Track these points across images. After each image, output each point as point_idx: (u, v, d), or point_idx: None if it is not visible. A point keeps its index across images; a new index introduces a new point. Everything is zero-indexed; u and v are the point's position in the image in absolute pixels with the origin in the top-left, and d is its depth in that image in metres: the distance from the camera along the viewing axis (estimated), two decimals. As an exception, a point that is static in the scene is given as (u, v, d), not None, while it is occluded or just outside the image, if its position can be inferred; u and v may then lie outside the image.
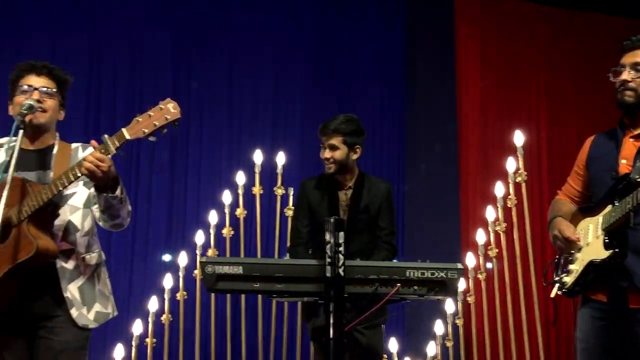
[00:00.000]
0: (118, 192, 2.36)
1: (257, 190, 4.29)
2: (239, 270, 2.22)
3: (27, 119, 2.38)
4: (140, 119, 2.26)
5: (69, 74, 2.60)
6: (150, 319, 4.08)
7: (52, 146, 2.54)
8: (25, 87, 2.46)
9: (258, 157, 4.30)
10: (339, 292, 2.12)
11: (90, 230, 2.53)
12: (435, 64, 5.54)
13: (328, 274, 2.11)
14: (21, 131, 2.31)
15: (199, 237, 4.22)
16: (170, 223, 5.00)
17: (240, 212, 4.27)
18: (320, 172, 3.51)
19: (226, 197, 4.28)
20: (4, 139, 2.57)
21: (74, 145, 2.59)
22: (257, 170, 4.29)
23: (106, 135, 2.28)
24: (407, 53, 5.56)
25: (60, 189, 2.30)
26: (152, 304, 4.10)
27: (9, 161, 2.22)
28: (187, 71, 5.18)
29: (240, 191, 4.28)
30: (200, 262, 2.31)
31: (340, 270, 2.12)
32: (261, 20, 5.33)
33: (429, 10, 5.56)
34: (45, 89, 2.47)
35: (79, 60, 4.85)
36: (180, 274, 4.16)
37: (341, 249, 2.12)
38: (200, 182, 5.07)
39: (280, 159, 4.35)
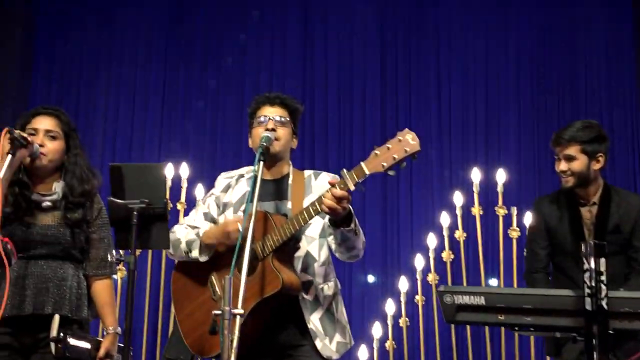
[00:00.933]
0: (352, 224, 2.33)
1: (476, 210, 4.09)
2: (480, 300, 2.07)
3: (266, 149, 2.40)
4: (378, 152, 2.19)
5: (299, 103, 2.64)
6: (375, 345, 4.05)
7: (287, 175, 2.57)
8: (262, 118, 2.53)
9: (476, 175, 4.10)
10: (602, 328, 1.87)
11: (327, 260, 2.53)
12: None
13: (588, 307, 1.88)
14: (262, 162, 2.35)
15: (418, 262, 4.11)
16: (385, 247, 4.94)
17: (459, 234, 4.10)
18: (541, 188, 3.20)
19: (444, 219, 4.13)
20: (245, 169, 2.65)
21: (306, 173, 2.61)
22: (476, 189, 4.09)
23: (345, 170, 2.23)
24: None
25: (303, 224, 2.33)
26: (376, 330, 4.07)
27: (252, 192, 2.27)
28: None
29: (458, 212, 4.11)
30: (438, 291, 2.18)
31: (603, 303, 1.88)
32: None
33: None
34: (279, 117, 2.52)
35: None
36: (402, 300, 4.08)
37: (603, 277, 1.88)
38: (412, 203, 4.96)
39: (501, 176, 4.10)
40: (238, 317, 2.04)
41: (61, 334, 2.36)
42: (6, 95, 4.79)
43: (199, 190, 4.13)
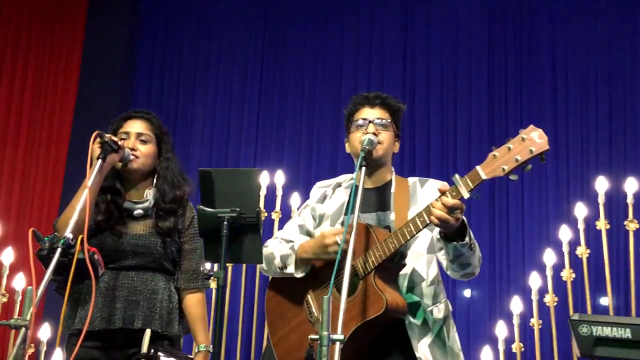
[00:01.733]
0: (467, 238, 2.03)
1: (602, 224, 3.63)
2: (626, 333, 1.78)
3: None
4: (497, 154, 1.90)
5: (401, 102, 2.39)
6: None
7: (390, 183, 2.33)
8: (360, 121, 2.30)
9: (602, 185, 3.66)
10: None
11: (436, 279, 2.25)
12: None
13: None
14: (363, 169, 2.13)
15: (534, 280, 3.71)
16: (494, 262, 4.56)
17: (582, 251, 3.66)
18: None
19: (564, 233, 3.71)
20: (342, 177, 2.44)
21: (410, 180, 2.35)
22: (601, 201, 3.63)
23: (457, 176, 1.95)
24: None
25: (408, 238, 2.06)
26: (486, 357, 3.70)
27: (353, 202, 2.04)
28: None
29: (580, 226, 3.68)
30: (572, 320, 1.87)
31: None
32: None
33: None
34: (379, 120, 2.29)
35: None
36: (515, 323, 3.69)
37: None
38: (524, 215, 4.54)
39: (631, 185, 3.63)
40: (337, 343, 1.80)
41: (152, 351, 2.22)
42: (109, 104, 4.81)
43: (295, 199, 3.95)
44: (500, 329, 3.70)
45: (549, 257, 3.71)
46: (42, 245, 1.97)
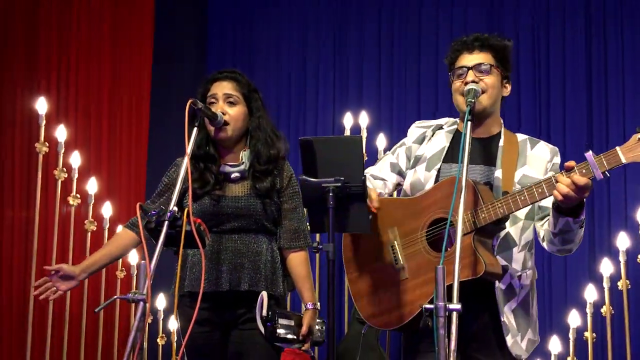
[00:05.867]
0: (583, 216, 1.95)
1: None
2: None
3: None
4: None
5: (507, 39, 2.22)
6: (570, 336, 3.60)
7: (498, 136, 2.21)
8: (460, 70, 2.17)
9: None
10: None
11: (528, 245, 2.19)
12: None
13: None
14: (469, 123, 1.99)
15: (622, 241, 3.59)
16: (593, 225, 4.21)
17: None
18: None
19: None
20: (444, 120, 2.34)
21: (520, 136, 2.24)
22: None
23: (591, 153, 1.82)
24: None
25: (521, 207, 1.98)
26: (573, 319, 3.61)
27: (461, 158, 1.92)
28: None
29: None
30: None
31: None
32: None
33: None
34: (482, 65, 2.15)
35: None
36: (605, 285, 3.58)
37: None
38: (626, 177, 4.20)
39: None
40: (454, 313, 1.76)
41: (269, 313, 2.29)
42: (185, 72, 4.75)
43: (380, 140, 3.95)
44: (590, 292, 3.61)
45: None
46: (149, 219, 2.02)
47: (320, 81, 4.76)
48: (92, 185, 3.78)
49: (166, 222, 1.98)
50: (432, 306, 1.78)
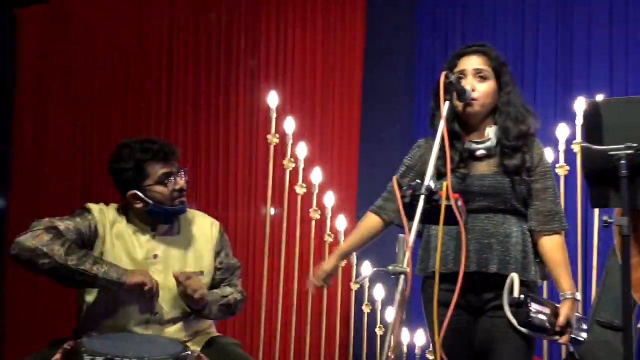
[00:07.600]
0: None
1: None
2: None
3: None
4: None
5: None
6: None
7: None
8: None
9: None
10: None
11: None
12: None
13: None
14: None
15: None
16: None
17: None
18: None
19: None
20: None
21: None
22: None
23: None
24: None
25: None
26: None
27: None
28: None
29: None
30: None
31: None
32: None
33: None
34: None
35: None
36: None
37: None
38: None
39: None
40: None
41: (521, 297, 2.13)
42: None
43: None
44: None
45: None
46: (403, 193, 1.97)
47: (539, 66, 4.45)
48: (316, 175, 3.88)
49: (422, 197, 1.93)
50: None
